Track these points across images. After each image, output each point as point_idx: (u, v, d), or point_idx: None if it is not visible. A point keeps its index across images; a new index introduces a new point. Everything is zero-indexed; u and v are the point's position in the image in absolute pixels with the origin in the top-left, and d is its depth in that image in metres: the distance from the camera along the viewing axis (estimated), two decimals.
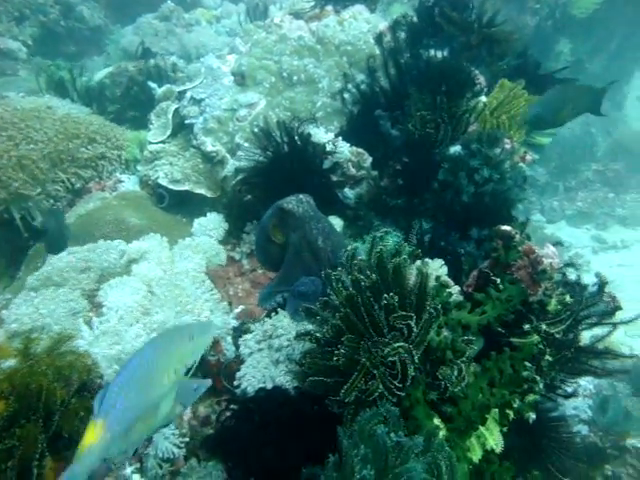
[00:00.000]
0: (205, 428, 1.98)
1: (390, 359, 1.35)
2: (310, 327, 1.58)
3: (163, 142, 3.21)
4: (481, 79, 2.71)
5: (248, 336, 1.73)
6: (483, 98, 2.69)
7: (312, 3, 3.28)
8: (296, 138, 2.61)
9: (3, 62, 5.68)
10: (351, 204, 2.72)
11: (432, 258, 1.79)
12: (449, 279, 1.65)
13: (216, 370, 2.10)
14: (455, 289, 1.66)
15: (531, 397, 1.47)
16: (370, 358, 1.36)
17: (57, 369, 1.44)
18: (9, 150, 2.96)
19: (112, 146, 3.24)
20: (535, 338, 1.51)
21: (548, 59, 5.89)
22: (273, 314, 1.81)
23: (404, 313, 1.36)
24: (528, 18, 6.51)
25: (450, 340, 1.41)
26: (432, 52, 2.72)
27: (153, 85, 3.74)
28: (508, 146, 2.56)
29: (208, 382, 1.45)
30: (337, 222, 2.72)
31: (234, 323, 2.26)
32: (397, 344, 1.36)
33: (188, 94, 3.25)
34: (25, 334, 1.80)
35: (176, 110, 3.28)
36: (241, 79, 3.13)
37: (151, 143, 3.21)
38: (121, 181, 3.15)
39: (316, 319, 1.52)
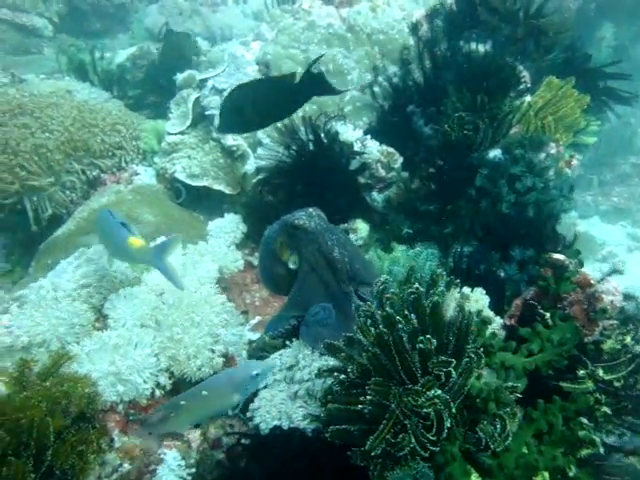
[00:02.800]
0: (215, 451, 1.85)
1: (425, 410, 1.18)
2: (333, 362, 1.42)
3: (182, 133, 3.04)
4: (526, 76, 2.48)
5: None
6: (528, 97, 2.46)
7: None
8: (322, 136, 2.43)
9: (28, 39, 5.57)
10: (379, 208, 2.54)
11: (468, 281, 1.61)
12: (491, 313, 1.47)
13: None
14: (497, 323, 1.48)
15: (584, 452, 1.29)
16: (401, 406, 1.20)
17: (52, 399, 1.30)
18: (25, 138, 2.84)
19: (130, 136, 3.09)
20: (589, 385, 1.33)
21: (590, 45, 5.55)
22: (293, 341, 1.64)
23: (443, 359, 1.19)
24: (570, 1, 6.14)
25: (493, 389, 1.24)
26: (473, 45, 2.49)
27: None
28: (553, 151, 2.35)
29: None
30: (363, 226, 2.55)
31: (250, 336, 2.11)
32: (433, 392, 1.19)
33: (210, 83, 3.07)
34: (23, 349, 1.68)
35: (197, 99, 3.11)
36: (265, 68, 2.94)
37: (169, 134, 3.05)
38: (137, 173, 3.00)
39: (339, 355, 1.35)
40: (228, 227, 2.43)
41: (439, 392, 1.20)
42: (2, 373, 1.44)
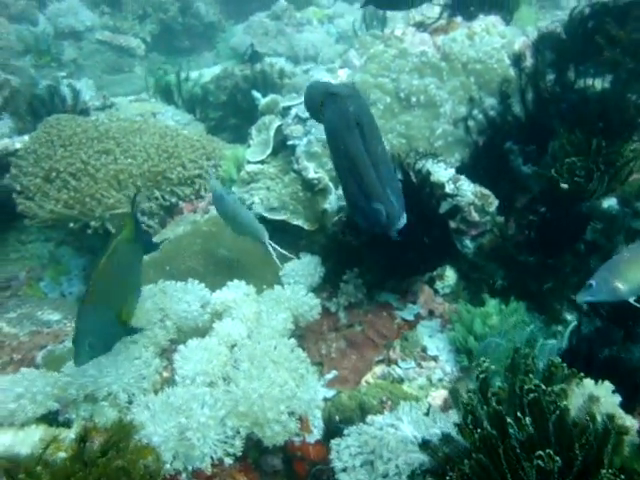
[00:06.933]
0: None
1: None
2: (423, 457, 1.22)
3: (262, 162, 2.94)
4: None
5: (341, 443, 1.40)
6: None
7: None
8: (412, 175, 2.24)
9: (122, 59, 5.82)
10: (469, 255, 2.31)
11: (586, 367, 1.36)
12: (626, 416, 1.22)
13: (300, 454, 1.79)
14: (634, 429, 1.22)
15: None
16: None
17: (111, 478, 1.18)
18: (107, 164, 2.84)
19: (210, 165, 3.04)
20: None
21: None
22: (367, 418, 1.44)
23: None
24: None
25: None
26: (589, 81, 2.23)
27: (257, 95, 3.52)
28: None
29: None
30: (450, 274, 2.34)
31: (325, 393, 1.94)
32: None
33: (293, 111, 2.96)
34: (89, 401, 1.60)
35: (279, 127, 3.01)
36: None
37: (249, 162, 2.96)
38: None
39: (436, 456, 1.15)
40: (306, 270, 2.27)
41: None
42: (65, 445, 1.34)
